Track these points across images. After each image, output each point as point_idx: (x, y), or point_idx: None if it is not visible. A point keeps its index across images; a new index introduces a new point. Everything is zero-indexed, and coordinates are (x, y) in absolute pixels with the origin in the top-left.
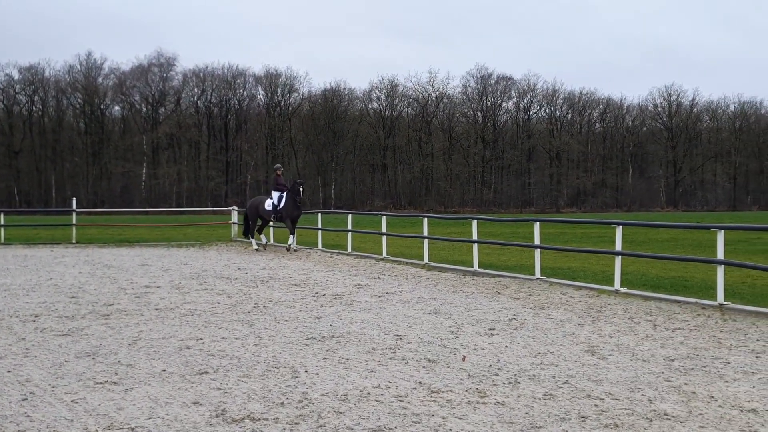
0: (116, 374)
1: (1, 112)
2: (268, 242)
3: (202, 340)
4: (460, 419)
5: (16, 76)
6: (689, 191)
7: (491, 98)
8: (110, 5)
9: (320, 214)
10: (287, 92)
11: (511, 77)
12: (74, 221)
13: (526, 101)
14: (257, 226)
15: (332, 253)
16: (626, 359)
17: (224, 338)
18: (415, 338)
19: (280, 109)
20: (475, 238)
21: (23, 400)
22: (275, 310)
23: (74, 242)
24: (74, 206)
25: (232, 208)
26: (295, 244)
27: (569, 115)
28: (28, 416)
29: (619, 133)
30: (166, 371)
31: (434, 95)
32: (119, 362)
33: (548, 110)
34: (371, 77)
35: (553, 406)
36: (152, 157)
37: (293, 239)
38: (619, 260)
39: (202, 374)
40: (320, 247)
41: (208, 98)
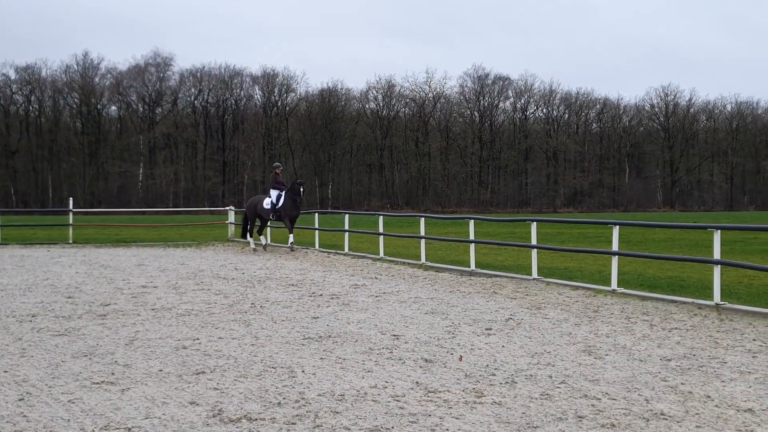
0: (113, 374)
1: None
2: (267, 243)
3: (198, 340)
4: (457, 419)
5: (12, 75)
6: (686, 191)
7: (488, 98)
8: (108, 5)
9: (317, 214)
10: (284, 92)
11: (508, 77)
12: (71, 221)
13: (523, 101)
14: (257, 227)
15: (329, 253)
16: (623, 359)
17: (221, 338)
18: (412, 338)
19: (277, 109)
20: (472, 238)
21: (20, 400)
22: (272, 310)
23: (71, 242)
24: (71, 206)
25: (229, 208)
26: (293, 242)
27: (566, 115)
28: (24, 416)
29: (616, 133)
30: (162, 371)
31: (431, 95)
32: (116, 362)
33: (545, 110)
34: (368, 77)
35: (550, 405)
36: (149, 157)
37: (293, 238)
38: (615, 260)
39: (198, 374)
40: (317, 247)
41: (205, 98)
